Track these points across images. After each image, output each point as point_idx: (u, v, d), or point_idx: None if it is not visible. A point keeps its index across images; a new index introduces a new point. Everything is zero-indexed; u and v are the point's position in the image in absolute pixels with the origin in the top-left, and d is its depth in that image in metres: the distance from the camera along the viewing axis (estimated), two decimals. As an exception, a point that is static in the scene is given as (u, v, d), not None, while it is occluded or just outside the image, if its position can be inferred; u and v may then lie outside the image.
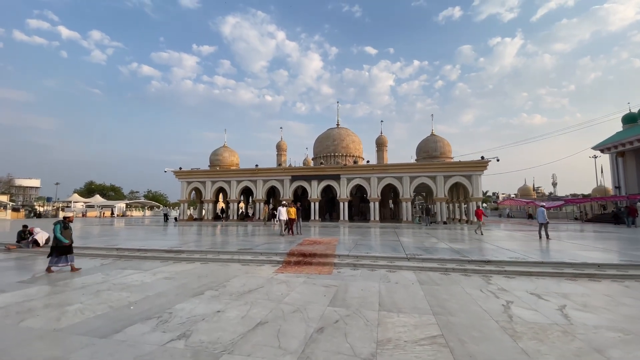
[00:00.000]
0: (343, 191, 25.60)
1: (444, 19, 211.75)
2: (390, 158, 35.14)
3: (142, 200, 69.44)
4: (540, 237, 13.48)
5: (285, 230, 14.54)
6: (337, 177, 25.88)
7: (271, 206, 25.83)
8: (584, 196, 58.37)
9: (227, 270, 7.78)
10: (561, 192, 66.11)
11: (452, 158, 26.82)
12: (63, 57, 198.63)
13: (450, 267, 7.70)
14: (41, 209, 46.98)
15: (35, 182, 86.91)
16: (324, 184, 26.24)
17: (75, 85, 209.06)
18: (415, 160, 28.12)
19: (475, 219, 16.55)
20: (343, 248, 10.07)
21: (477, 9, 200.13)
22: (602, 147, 41.56)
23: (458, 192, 26.97)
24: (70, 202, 52.16)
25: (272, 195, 31.76)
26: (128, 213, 54.96)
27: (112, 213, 48.88)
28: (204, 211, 30.78)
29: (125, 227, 22.21)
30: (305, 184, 26.61)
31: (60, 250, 7.28)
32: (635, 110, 38.77)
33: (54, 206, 52.22)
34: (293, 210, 14.76)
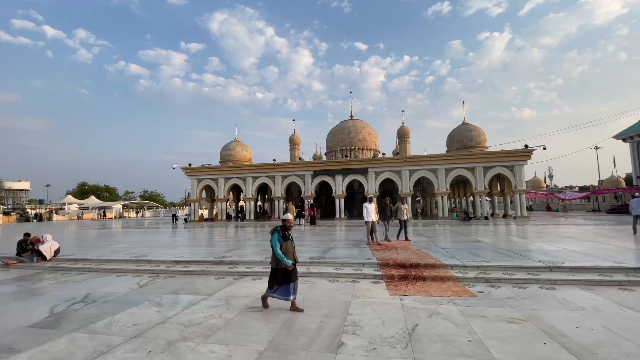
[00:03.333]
0: (371, 186, 23.49)
1: (433, 13, 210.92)
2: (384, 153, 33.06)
3: (139, 200, 66.21)
4: (635, 231, 11.65)
5: (384, 238, 10.51)
6: (364, 171, 23.73)
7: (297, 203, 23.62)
8: (596, 187, 57.49)
9: (321, 290, 5.68)
10: (558, 183, 65.80)
11: (487, 147, 24.90)
12: (49, 57, 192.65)
13: (623, 280, 5.70)
14: (33, 212, 43.99)
15: (24, 185, 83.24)
16: (349, 178, 24.07)
17: (62, 85, 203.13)
18: (446, 151, 26.14)
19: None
20: (440, 254, 8.01)
21: (465, 4, 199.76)
22: (625, 136, 40.47)
23: (492, 184, 25.10)
24: (65, 204, 49.07)
25: (288, 192, 29.55)
26: (125, 214, 51.95)
27: (104, 215, 45.80)
28: (215, 210, 28.48)
29: (133, 230, 19.78)
30: (329, 179, 24.41)
31: (281, 275, 4.60)
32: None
33: (46, 208, 49.14)
34: (376, 207, 10.61)
